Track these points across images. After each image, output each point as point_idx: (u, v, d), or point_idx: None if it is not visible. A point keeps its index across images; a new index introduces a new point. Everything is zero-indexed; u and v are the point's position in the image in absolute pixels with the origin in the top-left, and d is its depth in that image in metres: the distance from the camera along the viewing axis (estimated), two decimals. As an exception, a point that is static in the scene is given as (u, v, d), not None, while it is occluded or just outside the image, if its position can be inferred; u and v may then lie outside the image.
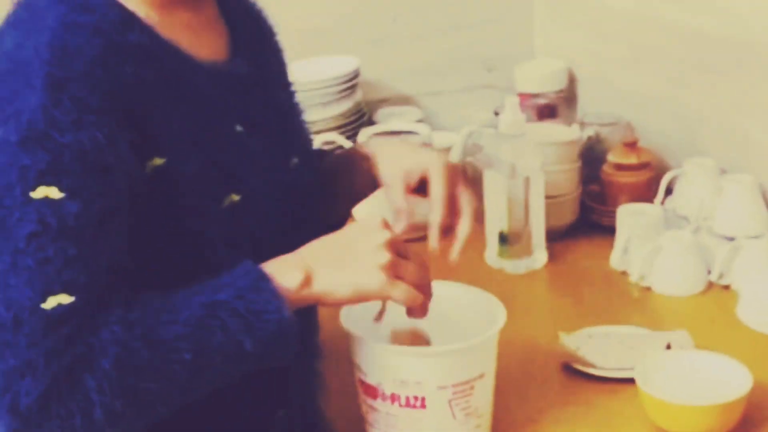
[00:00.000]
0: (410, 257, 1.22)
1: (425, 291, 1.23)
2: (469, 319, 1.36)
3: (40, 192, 1.05)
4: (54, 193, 1.05)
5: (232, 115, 1.23)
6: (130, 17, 1.16)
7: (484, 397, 1.31)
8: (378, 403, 1.28)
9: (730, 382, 1.36)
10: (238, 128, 1.23)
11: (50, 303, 1.04)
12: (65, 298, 1.05)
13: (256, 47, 1.34)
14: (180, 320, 1.09)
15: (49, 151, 1.06)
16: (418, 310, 1.24)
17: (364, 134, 2.06)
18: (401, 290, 1.19)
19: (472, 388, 1.27)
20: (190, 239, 1.17)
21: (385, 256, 1.18)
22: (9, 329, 1.03)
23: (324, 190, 1.40)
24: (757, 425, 1.36)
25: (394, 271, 1.18)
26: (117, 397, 1.05)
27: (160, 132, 1.14)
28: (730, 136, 1.87)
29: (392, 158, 1.39)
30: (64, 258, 1.05)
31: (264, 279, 1.14)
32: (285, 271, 1.16)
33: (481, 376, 1.29)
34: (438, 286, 1.39)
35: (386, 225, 1.21)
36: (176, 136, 1.15)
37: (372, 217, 1.22)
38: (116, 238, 1.10)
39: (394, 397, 1.26)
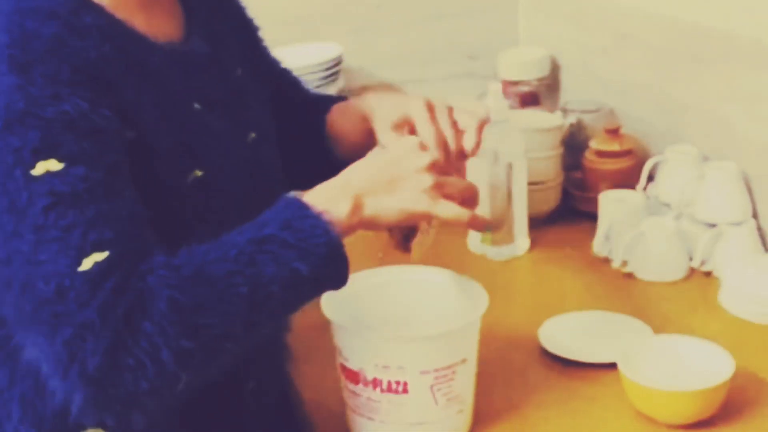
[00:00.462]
0: (452, 173, 1.25)
1: (472, 203, 1.26)
2: (451, 305, 1.36)
3: (40, 168, 1.06)
4: (53, 165, 1.06)
5: (190, 94, 1.24)
6: (84, 1, 1.17)
7: (466, 382, 1.31)
8: (360, 388, 1.28)
9: (712, 367, 1.36)
10: (196, 106, 1.24)
11: (86, 264, 1.04)
12: (100, 256, 1.05)
13: (214, 26, 1.35)
14: (229, 258, 1.10)
15: (37, 128, 1.06)
16: (470, 222, 1.25)
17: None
18: (448, 208, 1.21)
19: (454, 373, 1.27)
20: (159, 213, 1.16)
21: (429, 179, 1.20)
22: (56, 301, 1.03)
23: (324, 136, 1.45)
24: (740, 410, 1.36)
25: (439, 191, 1.21)
26: (180, 336, 1.05)
27: (130, 106, 1.15)
28: (712, 123, 1.87)
29: (380, 103, 1.41)
30: (85, 220, 1.05)
31: (306, 206, 1.15)
32: (334, 202, 1.17)
33: (463, 361, 1.29)
34: (420, 272, 1.40)
35: (423, 146, 1.23)
36: (144, 111, 1.16)
37: (410, 140, 1.25)
38: (127, 190, 1.11)
39: (376, 382, 1.26)
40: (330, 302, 1.29)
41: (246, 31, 1.46)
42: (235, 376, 1.27)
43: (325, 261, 1.14)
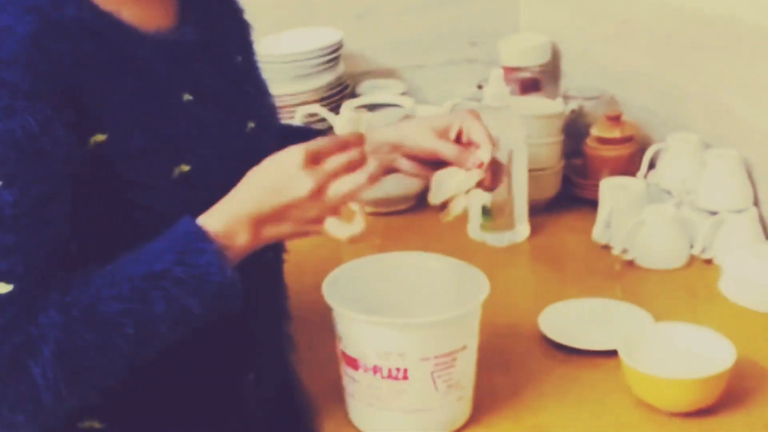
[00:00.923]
0: (339, 172, 1.16)
1: (357, 193, 1.17)
2: (452, 291, 1.35)
3: None
4: None
5: (180, 84, 1.22)
6: None
7: (466, 369, 1.30)
8: (360, 375, 1.28)
9: (713, 355, 1.36)
10: (187, 97, 1.22)
11: None
12: (3, 287, 1.04)
13: (208, 12, 1.32)
14: (121, 296, 1.08)
15: None
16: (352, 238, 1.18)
17: (346, 107, 2.05)
18: (333, 229, 1.16)
19: (454, 359, 1.27)
20: (140, 214, 1.16)
21: (314, 210, 1.15)
22: None
23: None
24: (740, 398, 1.36)
25: (327, 214, 1.16)
26: (60, 380, 1.05)
27: (101, 108, 1.12)
28: (713, 110, 1.86)
29: (425, 120, 1.39)
30: (2, 247, 1.05)
31: (204, 239, 1.12)
32: (233, 234, 1.14)
33: (464, 348, 1.28)
34: (422, 258, 1.39)
35: (307, 161, 1.15)
36: (118, 111, 1.14)
37: (290, 156, 1.17)
38: (56, 223, 1.09)
39: (376, 369, 1.26)
40: (330, 289, 1.29)
41: (239, 18, 1.42)
42: (234, 368, 1.27)
43: (218, 298, 1.13)
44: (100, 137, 1.12)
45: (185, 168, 1.18)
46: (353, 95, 2.28)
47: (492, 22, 2.45)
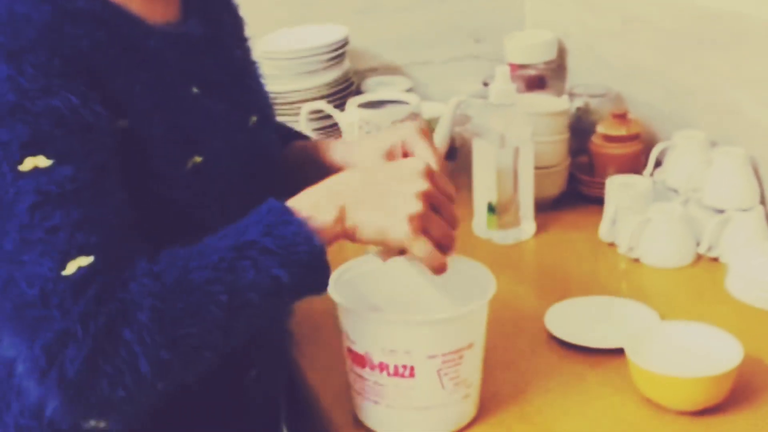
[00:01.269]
0: (444, 211, 1.20)
1: (446, 248, 1.22)
2: (458, 289, 1.35)
3: (28, 163, 1.04)
4: (42, 161, 1.04)
5: (188, 77, 1.22)
6: None
7: (472, 366, 1.30)
8: (366, 372, 1.27)
9: (720, 354, 1.35)
10: (195, 90, 1.23)
11: (70, 268, 1.03)
12: (84, 260, 1.04)
13: (208, 6, 1.33)
14: (210, 265, 1.08)
15: (26, 122, 1.04)
16: (436, 267, 1.22)
17: (351, 103, 2.05)
18: (422, 247, 1.19)
19: (461, 357, 1.27)
20: (156, 203, 1.16)
21: (417, 207, 1.17)
22: (38, 305, 1.02)
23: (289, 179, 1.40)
24: (747, 397, 1.36)
25: (421, 224, 1.17)
26: (160, 346, 1.04)
27: (122, 94, 1.13)
28: (720, 108, 1.86)
29: (370, 142, 1.38)
30: (72, 222, 1.04)
31: (289, 212, 1.13)
32: (318, 209, 1.15)
33: (470, 345, 1.28)
34: None
35: (429, 172, 1.19)
36: (136, 99, 1.14)
37: (414, 160, 1.21)
38: (116, 192, 1.09)
39: (382, 366, 1.26)
40: (337, 285, 1.28)
41: (235, 12, 1.43)
42: (236, 365, 1.27)
43: (306, 269, 1.13)
44: (123, 123, 1.12)
45: (198, 159, 1.19)
46: (358, 92, 2.28)
47: (497, 18, 2.44)
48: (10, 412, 1.19)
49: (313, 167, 1.41)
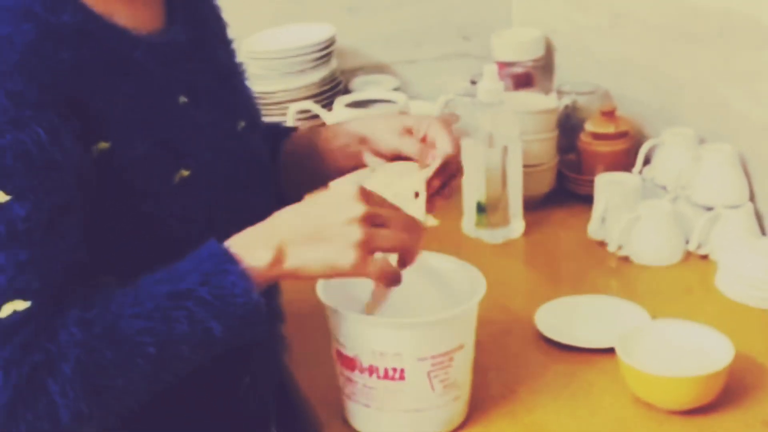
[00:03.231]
0: (390, 224, 1.15)
1: (406, 257, 1.18)
2: (448, 290, 1.34)
3: None
4: (0, 196, 1.03)
5: (175, 86, 1.21)
6: None
7: (462, 368, 1.29)
8: (356, 375, 1.27)
9: (711, 352, 1.35)
10: (182, 99, 1.21)
11: (5, 311, 1.02)
12: (21, 305, 1.02)
13: (193, 11, 1.31)
14: (143, 314, 1.06)
15: None
16: (390, 282, 1.18)
17: (339, 103, 2.04)
18: (375, 269, 1.14)
19: (451, 359, 1.26)
20: (141, 221, 1.14)
21: (358, 233, 1.12)
22: None
23: (289, 171, 1.39)
24: (738, 395, 1.35)
25: (368, 247, 1.13)
26: (81, 399, 1.03)
27: (104, 115, 1.11)
28: (709, 105, 1.85)
29: (390, 118, 1.37)
30: (16, 264, 1.03)
31: (230, 261, 1.10)
32: (254, 250, 1.11)
33: (461, 347, 1.27)
34: (418, 257, 1.38)
35: (362, 194, 1.14)
36: (120, 117, 1.12)
37: (345, 186, 1.17)
38: (70, 235, 1.07)
39: (372, 369, 1.25)
40: (325, 287, 1.27)
41: (218, 15, 1.41)
42: (230, 372, 1.26)
43: (241, 321, 1.10)
44: (104, 145, 1.11)
45: (185, 173, 1.17)
46: (346, 91, 2.27)
47: (485, 16, 2.44)
48: None
49: (325, 151, 1.40)
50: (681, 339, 1.40)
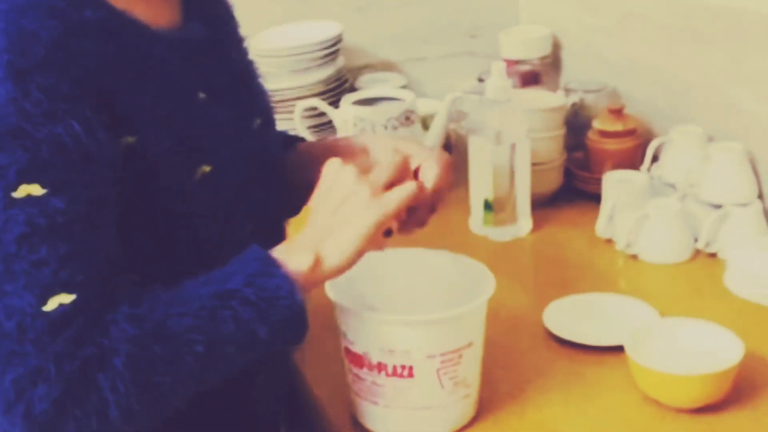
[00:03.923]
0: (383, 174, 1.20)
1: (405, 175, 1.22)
2: (457, 287, 1.34)
3: (22, 191, 1.02)
4: (36, 190, 1.02)
5: (194, 82, 1.21)
6: None
7: (472, 366, 1.29)
8: (364, 372, 1.26)
9: (720, 351, 1.34)
10: (201, 95, 1.21)
11: (51, 305, 1.01)
12: (66, 297, 1.02)
13: (208, 9, 1.31)
14: (190, 312, 1.07)
15: (26, 147, 1.02)
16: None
17: (346, 100, 2.03)
18: (395, 199, 1.17)
19: (460, 357, 1.26)
20: (164, 217, 1.14)
21: (364, 188, 1.16)
22: (14, 338, 1.00)
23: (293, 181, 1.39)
24: (747, 394, 1.35)
25: (376, 189, 1.17)
26: (132, 394, 1.03)
27: (129, 111, 1.11)
28: (717, 103, 1.85)
29: (386, 138, 1.39)
30: (58, 257, 1.02)
31: (273, 264, 1.11)
32: (294, 254, 1.13)
33: (470, 344, 1.27)
34: (426, 255, 1.38)
35: (362, 171, 1.18)
36: (145, 113, 1.12)
37: (347, 169, 1.19)
38: (107, 228, 1.07)
39: (380, 366, 1.25)
40: (335, 284, 1.27)
41: (232, 13, 1.41)
42: (246, 372, 1.25)
43: (286, 324, 1.12)
44: (130, 139, 1.10)
45: (206, 169, 1.17)
46: (353, 89, 2.26)
47: (492, 14, 2.43)
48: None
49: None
50: (690, 337, 1.39)
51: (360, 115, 1.96)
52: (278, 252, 1.14)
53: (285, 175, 1.36)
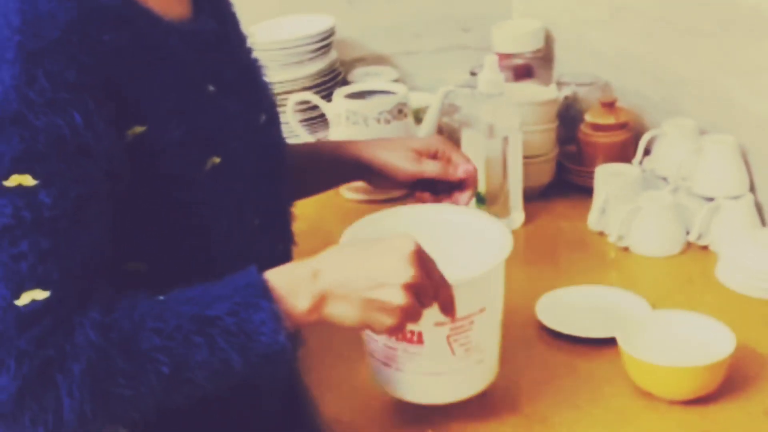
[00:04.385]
0: (430, 296, 1.15)
1: (447, 310, 1.19)
2: (471, 248, 1.32)
3: (14, 180, 1.01)
4: (28, 180, 1.02)
5: (204, 74, 1.20)
6: None
7: (486, 332, 1.27)
8: (376, 334, 1.24)
9: (712, 343, 1.35)
10: (211, 88, 1.21)
11: (24, 299, 1.01)
12: (40, 294, 1.02)
13: (216, 3, 1.31)
14: (164, 331, 1.05)
15: (23, 136, 1.01)
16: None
17: (338, 94, 2.03)
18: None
19: (471, 323, 1.24)
20: (173, 207, 1.14)
21: (402, 300, 1.11)
22: None
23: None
24: (739, 386, 1.35)
25: (406, 316, 1.13)
26: (86, 401, 1.03)
27: (140, 99, 1.10)
28: (709, 96, 1.85)
29: (402, 139, 1.43)
30: (38, 252, 1.02)
31: (264, 295, 1.09)
32: (294, 294, 1.11)
33: (482, 310, 1.24)
34: (440, 211, 1.38)
35: (417, 256, 1.12)
36: (156, 102, 1.11)
37: (402, 241, 1.13)
38: (94, 227, 1.07)
39: None
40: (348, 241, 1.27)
41: (234, 11, 1.40)
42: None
43: (263, 359, 1.09)
44: (139, 129, 1.10)
45: (216, 160, 1.16)
46: (345, 82, 2.27)
47: (485, 7, 2.43)
48: None
49: (328, 165, 1.44)
50: (682, 329, 1.40)
51: (352, 108, 1.96)
52: (278, 283, 1.11)
53: (289, 172, 1.36)
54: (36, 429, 1.02)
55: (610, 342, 1.39)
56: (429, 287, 1.14)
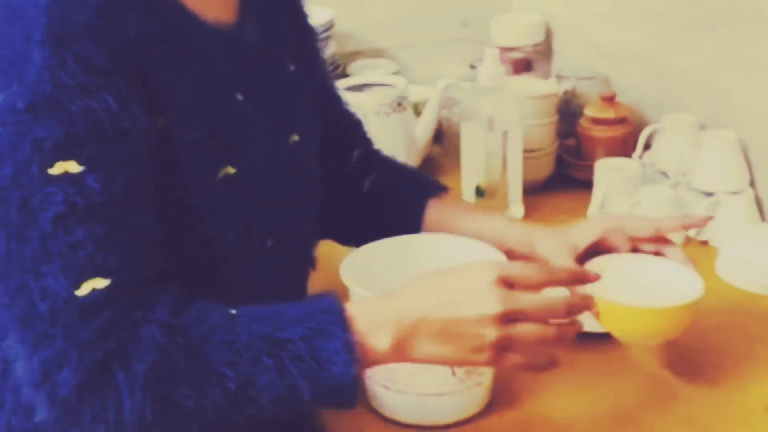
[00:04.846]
0: (530, 315, 1.09)
1: (555, 344, 1.13)
2: None
3: (59, 168, 0.99)
4: (73, 167, 0.99)
5: (235, 82, 1.17)
6: None
7: None
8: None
9: (681, 287, 1.30)
10: (239, 97, 1.18)
11: (85, 289, 0.99)
12: (100, 282, 1.00)
13: (268, 14, 1.27)
14: (234, 345, 1.02)
15: (61, 121, 0.99)
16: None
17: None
18: (512, 363, 1.10)
19: None
20: (178, 210, 1.11)
21: (492, 334, 1.06)
22: (47, 320, 0.99)
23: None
24: (741, 381, 1.36)
25: (502, 346, 1.08)
26: (147, 404, 1.00)
27: (164, 92, 1.08)
28: (710, 91, 1.85)
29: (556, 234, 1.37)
30: (94, 239, 1.00)
31: (341, 325, 1.05)
32: (375, 330, 1.07)
33: None
34: (439, 240, 1.37)
35: (501, 280, 1.07)
36: (179, 97, 1.09)
37: (482, 268, 1.09)
38: (144, 210, 1.05)
39: None
40: (349, 270, 1.25)
41: (303, 25, 1.38)
42: None
43: (331, 391, 1.05)
44: (162, 121, 1.07)
45: (231, 170, 1.14)
46: (344, 75, 2.26)
47: (484, 1, 2.43)
48: (4, 410, 1.17)
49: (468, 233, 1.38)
50: (650, 274, 1.34)
51: (351, 101, 1.94)
52: (359, 315, 1.07)
53: (318, 197, 1.32)
54: (97, 426, 1.00)
55: (609, 336, 1.39)
56: (519, 309, 1.08)
